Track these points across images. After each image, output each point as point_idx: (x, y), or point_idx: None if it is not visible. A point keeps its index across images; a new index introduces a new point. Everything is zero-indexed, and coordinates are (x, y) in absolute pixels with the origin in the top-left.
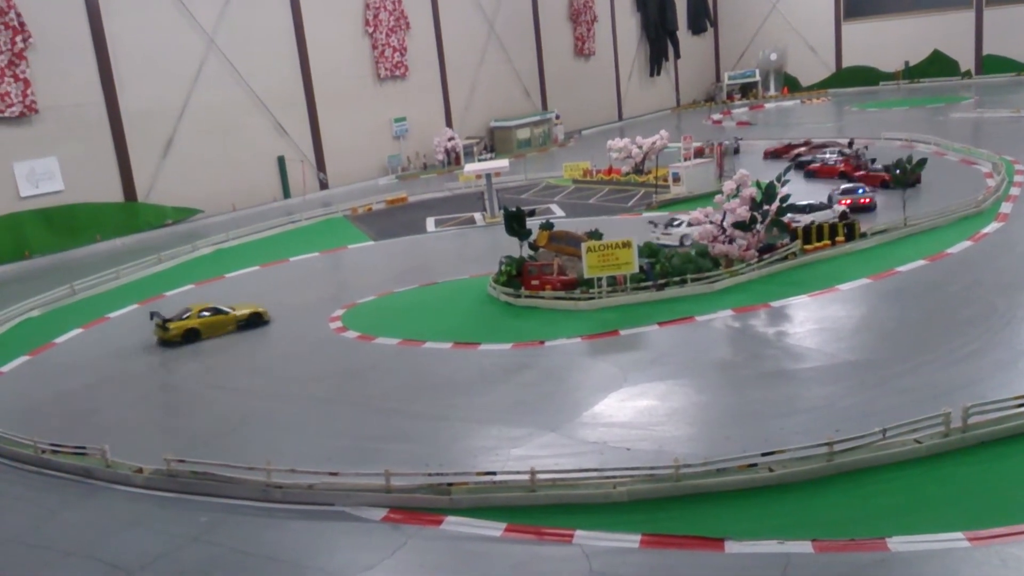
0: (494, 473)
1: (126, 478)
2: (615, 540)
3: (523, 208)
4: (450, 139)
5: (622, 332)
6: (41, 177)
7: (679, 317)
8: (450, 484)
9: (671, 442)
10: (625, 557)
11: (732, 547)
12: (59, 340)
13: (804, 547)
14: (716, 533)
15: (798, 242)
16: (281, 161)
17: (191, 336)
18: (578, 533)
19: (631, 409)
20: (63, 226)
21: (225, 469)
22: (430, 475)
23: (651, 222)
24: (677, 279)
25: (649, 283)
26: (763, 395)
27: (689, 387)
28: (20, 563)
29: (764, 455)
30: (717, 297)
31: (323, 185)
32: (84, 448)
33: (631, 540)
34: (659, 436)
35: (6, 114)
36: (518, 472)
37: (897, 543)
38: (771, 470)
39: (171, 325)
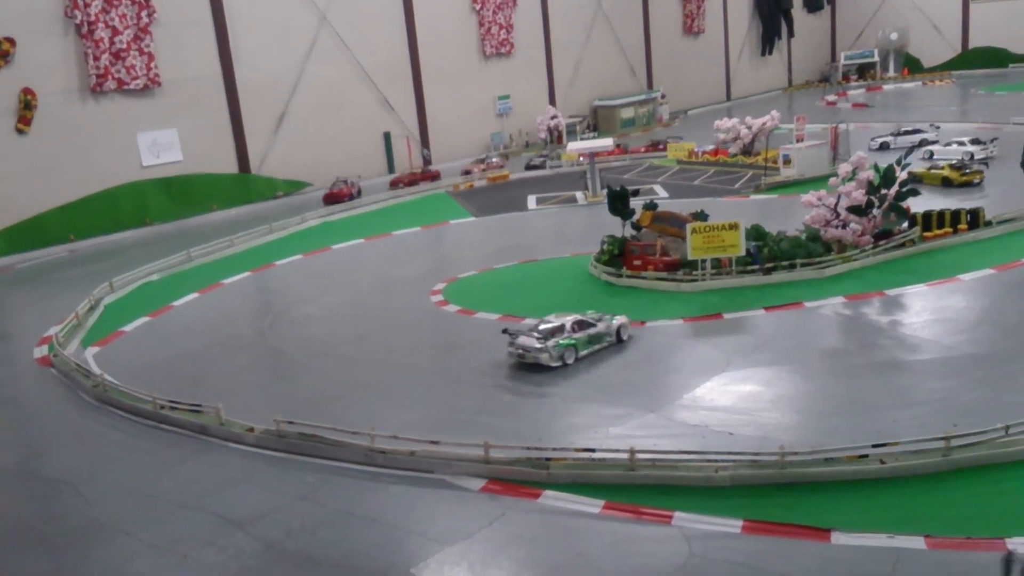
0: (593, 450)
1: (238, 436)
2: (716, 524)
3: (627, 187)
4: (553, 117)
5: (726, 316)
6: (162, 147)
7: (787, 303)
8: (548, 459)
9: (776, 429)
10: (726, 542)
11: (839, 538)
12: (176, 303)
13: (916, 543)
14: (822, 523)
15: (917, 229)
16: (387, 137)
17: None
18: (678, 515)
19: (734, 394)
20: (181, 195)
21: (331, 432)
22: (529, 448)
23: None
24: (786, 263)
25: (756, 267)
26: (875, 386)
27: (796, 374)
28: (139, 513)
29: (875, 447)
30: (828, 283)
31: (427, 161)
32: (200, 406)
33: (733, 525)
34: (763, 422)
35: (131, 86)
36: (617, 451)
37: (1018, 544)
38: (883, 462)
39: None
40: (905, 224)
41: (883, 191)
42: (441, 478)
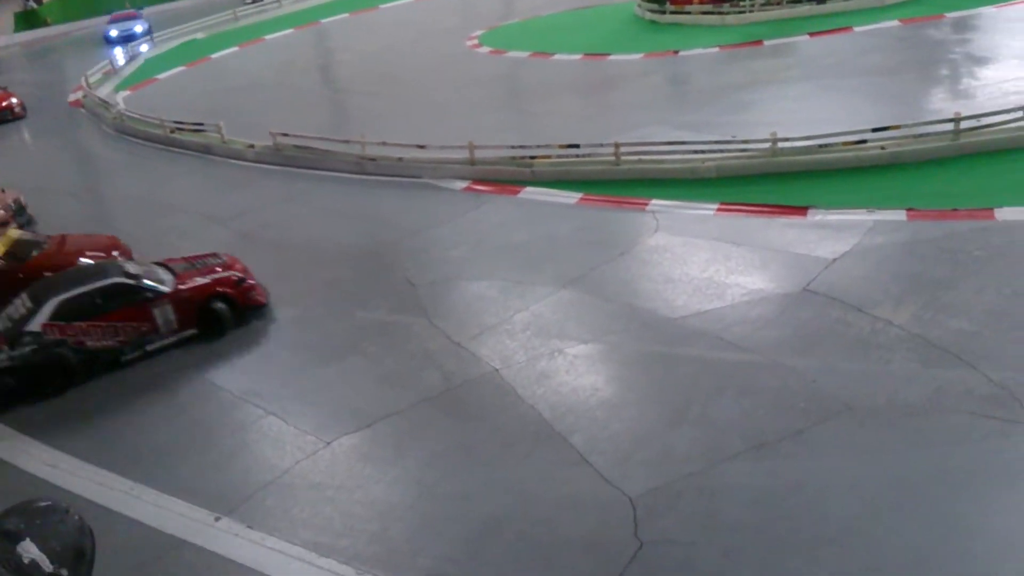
0: (578, 146)
1: (239, 153)
2: (691, 208)
3: None
4: None
5: (766, 42)
6: None
7: (835, 28)
8: (532, 157)
9: (789, 128)
10: (697, 223)
11: (815, 215)
12: (214, 56)
13: (896, 215)
14: (802, 203)
15: None
16: None
17: None
18: (653, 202)
19: (747, 104)
20: None
21: (324, 143)
22: (513, 147)
23: None
24: None
25: None
26: (928, 92)
27: (832, 90)
28: (138, 216)
29: (875, 131)
30: (887, 11)
31: None
32: (202, 124)
33: (707, 208)
34: (773, 124)
35: None
36: (602, 144)
37: (1006, 213)
38: (883, 148)
39: None
40: None
41: None
42: (427, 182)
